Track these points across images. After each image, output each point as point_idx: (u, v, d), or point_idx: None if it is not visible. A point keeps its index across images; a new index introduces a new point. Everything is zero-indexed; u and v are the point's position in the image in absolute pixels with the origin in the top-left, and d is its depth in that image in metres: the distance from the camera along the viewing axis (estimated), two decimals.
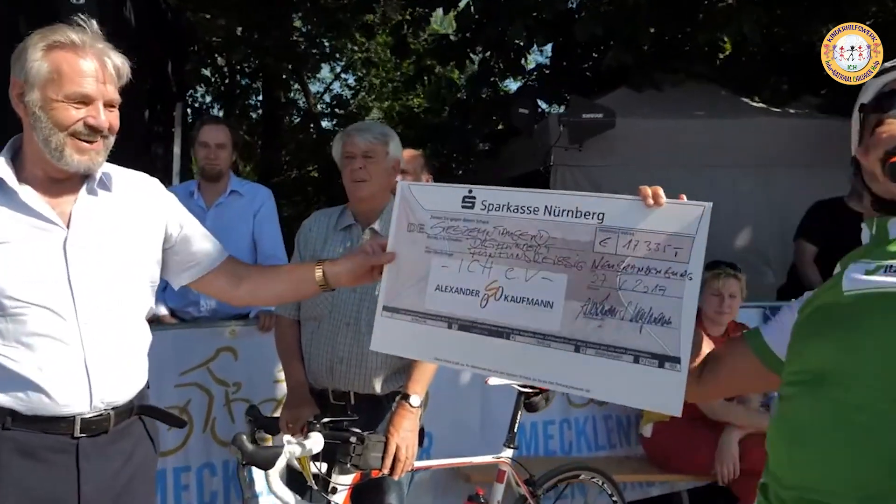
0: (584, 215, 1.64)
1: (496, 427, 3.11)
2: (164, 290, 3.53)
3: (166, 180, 7.26)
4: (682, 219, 1.54)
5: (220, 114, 14.09)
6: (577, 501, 3.70)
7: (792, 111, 6.66)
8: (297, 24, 11.52)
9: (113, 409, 1.80)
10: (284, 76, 8.16)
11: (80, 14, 1.76)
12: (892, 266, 1.30)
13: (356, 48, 13.93)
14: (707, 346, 1.64)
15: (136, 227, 1.87)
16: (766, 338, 1.51)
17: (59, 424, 1.73)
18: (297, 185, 14.01)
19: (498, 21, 6.99)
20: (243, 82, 14.02)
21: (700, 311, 3.48)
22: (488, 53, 8.09)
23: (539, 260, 1.68)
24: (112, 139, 1.78)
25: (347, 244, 2.60)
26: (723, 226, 5.50)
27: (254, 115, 14.63)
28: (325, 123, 15.31)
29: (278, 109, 12.76)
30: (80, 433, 1.75)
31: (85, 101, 1.70)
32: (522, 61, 8.14)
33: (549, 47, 8.77)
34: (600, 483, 3.12)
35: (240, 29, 8.59)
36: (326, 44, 11.56)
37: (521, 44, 7.59)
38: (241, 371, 3.30)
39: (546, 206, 1.69)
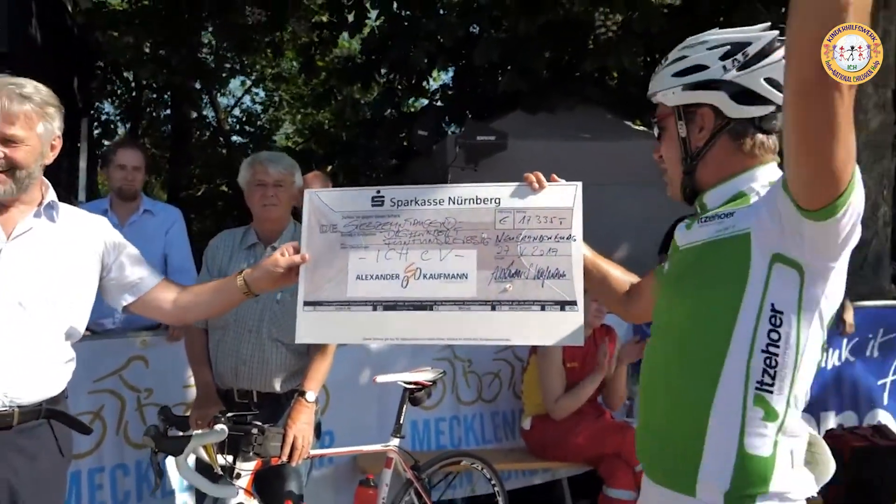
0: (484, 201, 2.01)
1: (391, 423, 3.45)
2: None
3: (71, 194, 7.32)
4: (561, 196, 1.96)
5: (127, 126, 14.01)
6: (465, 489, 4.09)
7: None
8: (206, 38, 11.63)
9: (18, 406, 1.99)
10: (193, 93, 8.29)
11: None
12: (705, 217, 1.59)
13: (265, 63, 14.09)
14: None
15: (71, 257, 2.12)
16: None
17: None
18: (206, 200, 14.00)
19: (401, 45, 7.39)
20: (152, 96, 13.97)
21: None
22: (392, 75, 8.49)
23: (450, 241, 2.00)
24: (24, 171, 2.00)
25: (251, 260, 2.91)
26: (605, 239, 5.99)
27: (163, 129, 14.56)
28: (235, 138, 15.38)
29: (187, 124, 12.78)
30: None
31: None
32: (425, 83, 8.58)
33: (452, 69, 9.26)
34: (480, 468, 3.51)
35: (148, 46, 8.68)
36: (235, 59, 11.70)
37: (423, 67, 8.01)
38: (152, 378, 3.52)
39: (449, 197, 2.04)
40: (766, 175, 1.57)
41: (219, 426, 2.44)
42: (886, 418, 4.89)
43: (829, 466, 1.57)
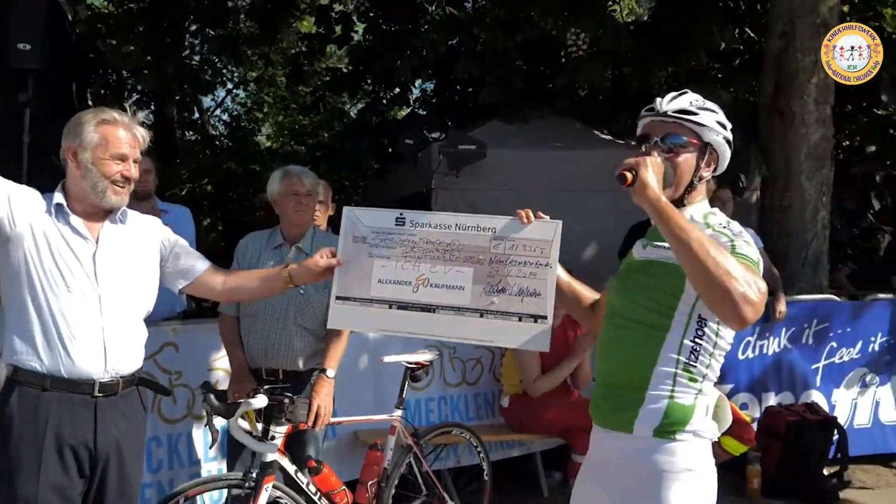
0: (482, 229, 2.43)
1: (386, 403, 3.96)
2: None
3: None
4: (544, 230, 2.37)
5: None
6: (452, 461, 4.66)
7: (633, 143, 7.88)
8: (188, 41, 11.99)
9: (121, 377, 2.54)
10: (187, 99, 8.70)
11: (130, 106, 2.58)
12: (654, 244, 2.09)
13: (250, 68, 14.51)
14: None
15: (140, 250, 2.66)
16: None
17: (82, 386, 2.46)
18: (189, 199, 14.36)
19: (386, 58, 7.93)
20: (134, 97, 14.31)
21: None
22: (378, 86, 9.02)
23: (453, 259, 2.44)
24: (133, 185, 2.58)
25: (278, 258, 3.46)
26: (575, 242, 6.54)
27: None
28: (215, 133, 15.78)
29: (170, 125, 13.13)
30: (98, 393, 2.48)
31: (122, 158, 2.51)
32: (408, 94, 9.11)
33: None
34: (468, 437, 4.08)
35: (138, 54, 9.05)
36: (220, 66, 12.09)
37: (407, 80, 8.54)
38: (182, 361, 3.99)
39: (456, 224, 2.47)
40: (700, 210, 2.14)
41: (260, 396, 2.99)
42: (818, 397, 5.55)
43: (727, 420, 2.14)
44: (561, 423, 4.54)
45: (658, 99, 2.14)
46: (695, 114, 2.09)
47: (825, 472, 5.14)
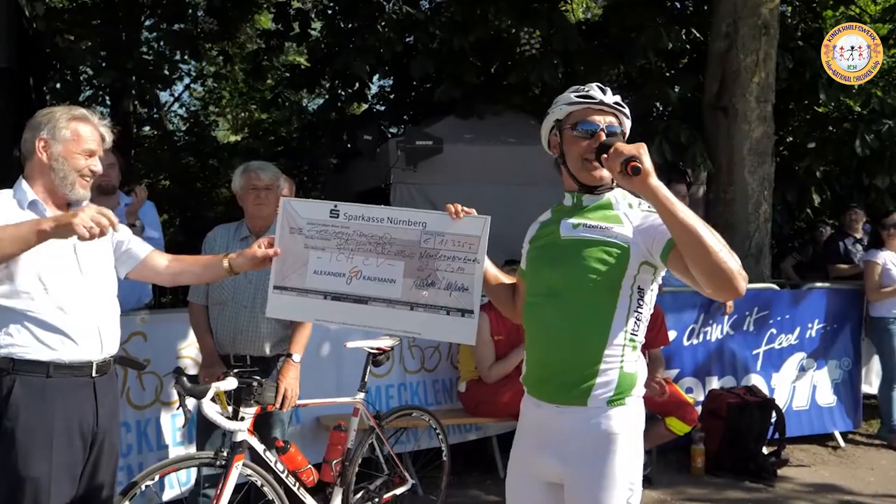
0: (413, 224, 2.47)
1: (349, 388, 4.11)
2: None
3: None
4: (473, 225, 2.42)
5: None
6: (412, 444, 4.85)
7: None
8: (144, 35, 11.91)
9: (111, 356, 2.70)
10: (147, 96, 8.66)
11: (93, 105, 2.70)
12: (585, 224, 2.20)
13: (208, 63, 14.48)
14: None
15: (104, 241, 2.72)
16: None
17: (83, 369, 2.59)
18: (148, 194, 14.26)
19: (344, 56, 8.06)
20: (88, 92, 14.15)
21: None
22: (336, 82, 9.14)
23: (385, 252, 2.48)
24: (94, 180, 2.71)
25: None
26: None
27: None
28: (173, 127, 15.68)
29: (127, 119, 13.02)
30: (95, 374, 2.62)
31: (90, 154, 2.64)
32: (366, 91, 9.25)
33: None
34: (427, 420, 4.27)
35: (91, 48, 9.03)
36: (177, 60, 12.04)
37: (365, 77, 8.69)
38: (150, 350, 4.10)
39: (388, 217, 2.51)
40: (620, 190, 2.30)
41: (230, 378, 3.14)
42: (759, 381, 5.87)
43: (644, 375, 2.31)
44: (516, 407, 4.66)
45: (590, 90, 2.27)
46: (624, 107, 2.29)
47: (764, 450, 5.45)
